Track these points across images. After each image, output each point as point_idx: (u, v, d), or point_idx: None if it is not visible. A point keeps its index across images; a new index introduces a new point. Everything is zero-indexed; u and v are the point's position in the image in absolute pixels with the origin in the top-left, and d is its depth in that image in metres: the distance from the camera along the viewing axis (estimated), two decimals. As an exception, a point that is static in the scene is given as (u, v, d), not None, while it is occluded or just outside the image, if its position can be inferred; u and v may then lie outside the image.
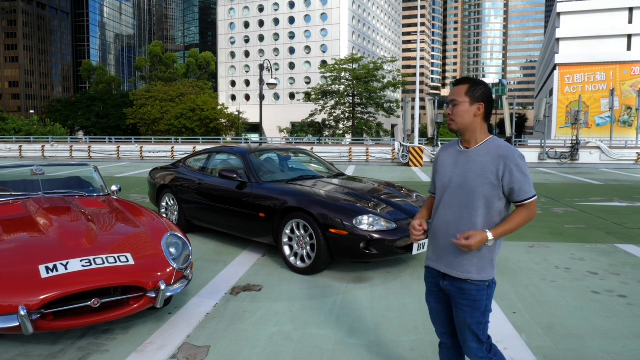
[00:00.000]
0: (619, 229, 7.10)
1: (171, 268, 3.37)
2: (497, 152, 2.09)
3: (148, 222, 3.90)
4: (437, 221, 2.22)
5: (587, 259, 5.39)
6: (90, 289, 3.01)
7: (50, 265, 3.04)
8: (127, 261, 3.23)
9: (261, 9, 71.73)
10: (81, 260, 3.12)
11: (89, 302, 3.00)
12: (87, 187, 5.16)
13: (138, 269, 3.22)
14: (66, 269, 3.04)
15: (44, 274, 2.98)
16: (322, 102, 45.45)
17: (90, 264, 3.11)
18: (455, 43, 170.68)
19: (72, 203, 4.30)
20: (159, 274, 3.28)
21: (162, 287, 3.19)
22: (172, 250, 3.54)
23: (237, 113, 49.42)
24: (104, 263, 3.15)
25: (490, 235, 2.03)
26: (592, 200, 10.20)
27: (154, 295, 3.21)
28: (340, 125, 45.96)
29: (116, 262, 3.20)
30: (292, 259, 4.88)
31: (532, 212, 2.10)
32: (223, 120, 48.84)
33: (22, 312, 2.79)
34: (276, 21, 71.13)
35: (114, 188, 5.11)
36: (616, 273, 4.84)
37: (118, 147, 28.03)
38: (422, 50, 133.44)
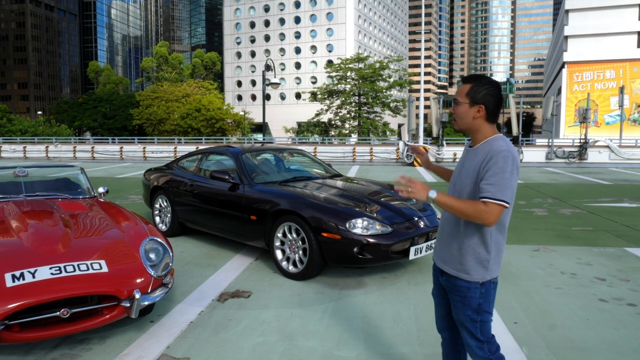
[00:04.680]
0: (628, 231, 6.82)
1: (148, 275, 3.18)
2: (487, 151, 2.00)
3: (129, 226, 3.72)
4: (441, 216, 2.23)
5: (594, 263, 5.13)
6: (58, 298, 2.82)
7: (17, 273, 2.86)
8: (101, 268, 3.04)
9: (267, 9, 71.65)
10: (50, 268, 2.94)
11: (58, 312, 2.82)
12: (75, 189, 4.99)
13: (111, 277, 3.03)
14: (34, 277, 2.86)
15: (9, 283, 2.80)
16: (328, 102, 45.21)
17: (60, 272, 2.93)
18: (463, 42, 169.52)
19: (53, 206, 4.13)
20: (135, 281, 3.09)
21: (137, 296, 2.99)
22: (152, 256, 3.35)
23: (242, 113, 49.35)
24: (75, 271, 2.96)
25: (433, 194, 1.96)
26: (601, 201, 9.89)
27: (129, 305, 3.02)
28: (346, 125, 45.65)
29: (88, 269, 3.01)
30: (284, 263, 4.69)
31: (485, 213, 1.90)
32: (229, 120, 48.78)
33: (-15, 324, 2.61)
34: (282, 21, 71.01)
35: (100, 190, 4.94)
36: (625, 279, 4.58)
37: (121, 147, 27.96)
38: (428, 49, 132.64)
